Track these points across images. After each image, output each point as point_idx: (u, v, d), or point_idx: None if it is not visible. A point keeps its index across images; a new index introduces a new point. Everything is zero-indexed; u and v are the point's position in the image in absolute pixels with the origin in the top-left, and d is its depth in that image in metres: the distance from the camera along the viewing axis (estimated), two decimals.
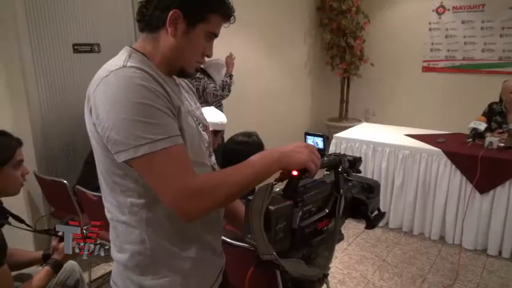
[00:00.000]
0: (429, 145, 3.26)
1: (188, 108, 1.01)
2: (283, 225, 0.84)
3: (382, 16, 5.52)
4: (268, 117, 4.92)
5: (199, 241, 1.00)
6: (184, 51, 0.95)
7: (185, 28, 0.92)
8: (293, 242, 0.87)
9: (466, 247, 3.11)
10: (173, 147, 0.84)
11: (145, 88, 0.84)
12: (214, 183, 0.85)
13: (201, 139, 1.03)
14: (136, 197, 0.92)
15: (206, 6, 0.93)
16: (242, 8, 4.51)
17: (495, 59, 4.81)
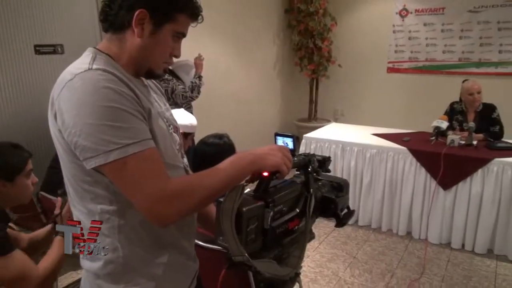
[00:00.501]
0: (395, 144, 3.36)
1: (158, 109, 0.99)
2: (254, 226, 0.84)
3: (348, 18, 5.64)
4: (238, 118, 4.92)
5: (174, 246, 0.99)
6: (152, 51, 0.93)
7: (152, 28, 0.90)
8: (265, 243, 0.88)
9: (432, 241, 3.22)
10: (145, 151, 0.82)
11: (113, 90, 0.81)
12: (190, 186, 0.84)
13: (172, 141, 1.01)
14: (107, 204, 0.89)
15: (173, 5, 0.91)
16: (211, 9, 4.53)
17: (455, 60, 5.02)
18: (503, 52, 4.73)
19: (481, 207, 3.01)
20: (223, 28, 4.53)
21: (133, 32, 0.90)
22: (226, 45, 4.68)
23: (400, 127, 4.01)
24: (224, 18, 4.52)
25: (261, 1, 5.21)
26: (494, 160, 2.94)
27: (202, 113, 3.57)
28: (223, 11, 4.47)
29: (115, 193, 0.87)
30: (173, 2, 0.91)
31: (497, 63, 4.79)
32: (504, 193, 2.92)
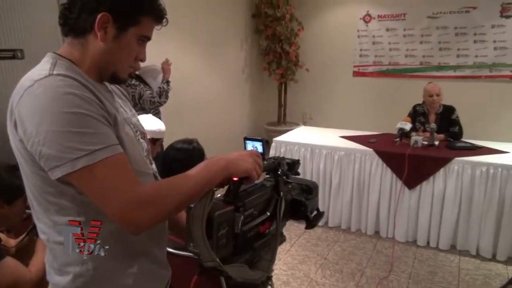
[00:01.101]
0: (362, 146, 3.44)
1: (124, 115, 0.97)
2: (225, 231, 0.84)
3: (314, 24, 5.75)
4: (208, 123, 4.90)
5: (146, 255, 0.97)
6: (116, 56, 0.90)
7: (116, 32, 0.88)
8: (236, 247, 0.88)
9: (399, 239, 3.32)
10: (114, 156, 0.79)
11: (76, 96, 0.78)
12: (164, 192, 0.82)
13: (140, 148, 0.99)
14: (75, 215, 0.85)
15: (138, 8, 0.89)
16: (178, 14, 4.50)
17: (417, 64, 5.22)
18: (460, 56, 4.97)
19: (443, 205, 3.13)
20: (190, 32, 4.51)
21: (96, 36, 0.87)
22: (194, 49, 4.65)
23: (366, 129, 4.11)
24: (192, 22, 4.49)
25: (229, 6, 5.22)
26: (455, 159, 3.07)
27: (170, 118, 3.53)
28: (190, 16, 4.45)
29: (83, 203, 0.84)
30: (137, 5, 0.89)
31: (455, 66, 5.02)
32: (464, 191, 3.05)
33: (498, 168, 2.94)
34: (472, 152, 3.19)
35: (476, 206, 3.02)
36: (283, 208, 0.98)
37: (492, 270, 2.92)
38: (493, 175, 2.95)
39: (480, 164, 3.00)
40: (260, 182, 0.99)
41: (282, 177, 1.01)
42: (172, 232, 1.23)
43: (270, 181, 1.01)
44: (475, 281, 2.79)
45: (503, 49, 4.75)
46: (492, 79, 4.88)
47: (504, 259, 3.01)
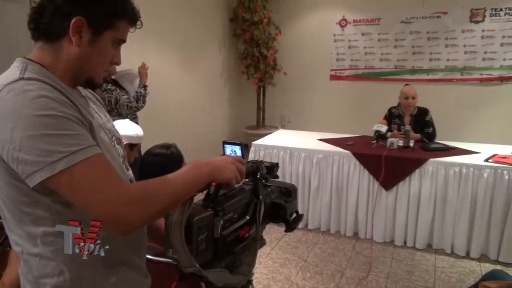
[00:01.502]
0: (340, 148, 3.49)
1: (99, 121, 0.95)
2: (204, 236, 0.83)
3: (292, 28, 5.81)
4: (186, 127, 4.87)
5: (125, 263, 0.94)
6: (91, 60, 0.88)
7: (91, 36, 0.86)
8: (216, 252, 0.87)
9: (377, 240, 3.37)
10: (94, 157, 0.77)
11: (49, 98, 0.76)
12: (151, 191, 0.80)
13: (116, 154, 0.97)
14: (50, 225, 0.82)
15: (112, 11, 0.87)
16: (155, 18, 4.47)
17: (391, 67, 5.34)
18: (433, 60, 5.12)
19: (419, 205, 3.21)
20: (168, 37, 4.48)
21: (70, 41, 0.85)
22: (171, 54, 4.63)
23: (344, 131, 4.17)
24: (169, 27, 4.47)
25: (206, 10, 5.22)
26: (429, 160, 3.15)
27: (148, 123, 3.48)
28: (167, 20, 4.42)
29: (58, 213, 0.82)
30: (111, 8, 0.87)
31: (428, 70, 5.17)
32: (439, 190, 3.13)
33: (470, 168, 3.03)
34: (445, 153, 3.27)
35: (450, 205, 3.11)
36: (262, 211, 0.98)
37: (466, 267, 3.01)
38: (466, 175, 3.04)
39: (453, 165, 3.09)
40: (239, 186, 0.99)
41: (261, 181, 1.01)
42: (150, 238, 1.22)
43: (249, 184, 1.01)
44: (450, 278, 2.86)
45: (473, 53, 4.92)
46: (463, 82, 5.05)
47: (477, 256, 3.10)
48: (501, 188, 2.95)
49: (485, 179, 2.98)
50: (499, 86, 4.93)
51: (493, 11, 4.75)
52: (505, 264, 2.98)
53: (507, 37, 4.75)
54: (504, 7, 4.70)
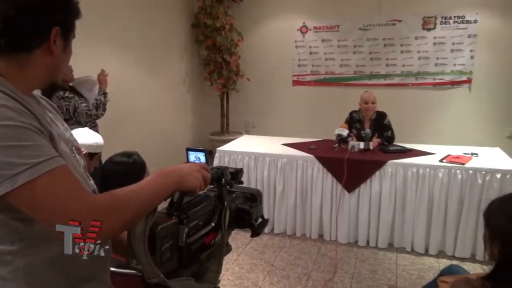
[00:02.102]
0: (303, 152, 3.55)
1: (57, 131, 0.91)
2: (169, 244, 0.82)
3: (254, 34, 5.86)
4: (149, 134, 4.78)
5: (89, 278, 0.91)
6: (61, 66, 0.89)
7: (63, 43, 0.86)
8: (181, 261, 0.86)
9: (341, 241, 3.45)
10: (58, 168, 0.73)
11: (7, 107, 0.73)
12: (119, 202, 0.77)
13: (77, 165, 0.94)
14: (8, 244, 0.78)
15: (74, 14, 0.88)
16: (114, 23, 4.37)
17: (351, 73, 5.51)
18: (389, 65, 5.33)
19: (380, 205, 3.31)
20: (128, 43, 4.39)
21: (45, 52, 0.83)
22: (132, 60, 4.53)
23: (307, 136, 4.24)
24: (129, 32, 4.38)
25: (167, 16, 5.17)
26: (389, 162, 3.26)
27: (108, 131, 3.40)
28: (127, 26, 4.34)
29: (17, 230, 0.78)
30: (74, 11, 0.88)
31: (385, 75, 5.37)
32: (398, 191, 3.25)
33: (426, 168, 3.17)
34: (403, 155, 3.41)
35: (409, 204, 3.23)
36: (227, 217, 0.98)
37: (426, 264, 3.13)
38: (422, 175, 3.18)
39: (411, 166, 3.22)
40: (203, 193, 0.99)
41: (226, 187, 1.01)
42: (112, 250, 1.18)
43: (214, 191, 1.01)
44: (411, 275, 2.97)
45: (426, 59, 5.17)
46: (418, 86, 5.29)
47: (435, 253, 3.24)
48: (455, 187, 3.10)
49: (440, 178, 3.13)
50: (450, 90, 5.21)
51: (443, 19, 5.03)
52: (461, 259, 3.13)
53: (456, 43, 5.03)
54: (453, 16, 4.99)
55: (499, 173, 3.00)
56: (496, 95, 5.07)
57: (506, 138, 5.07)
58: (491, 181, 3.01)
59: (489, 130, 5.11)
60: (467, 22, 4.95)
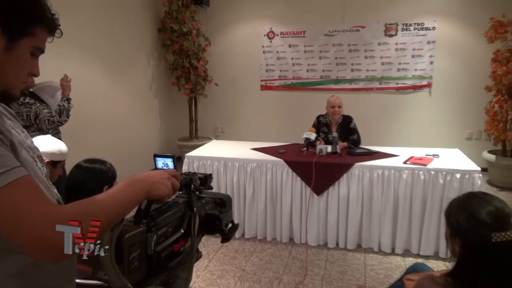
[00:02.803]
0: (273, 157, 3.57)
1: (18, 138, 0.87)
2: (137, 253, 0.81)
3: (221, 39, 5.86)
4: (115, 141, 4.66)
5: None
6: (9, 70, 0.81)
7: (6, 44, 0.79)
8: (150, 269, 0.85)
9: (311, 244, 3.48)
10: (21, 179, 0.70)
11: None
12: (86, 212, 0.74)
13: (41, 173, 0.90)
14: None
15: (30, 17, 0.82)
16: (79, 28, 4.25)
17: (317, 77, 5.62)
18: (354, 70, 5.48)
19: (348, 207, 3.38)
20: (92, 47, 4.28)
21: None
22: (97, 65, 4.42)
23: (275, 140, 4.27)
24: (93, 37, 4.28)
25: (133, 20, 5.08)
26: (355, 164, 3.34)
27: (73, 138, 3.29)
28: (92, 30, 4.23)
29: None
30: (29, 14, 0.81)
31: (351, 80, 5.52)
32: (365, 192, 3.33)
33: (391, 170, 3.27)
34: (369, 157, 3.49)
35: (375, 205, 3.32)
36: (197, 224, 0.97)
37: (392, 263, 3.22)
38: (388, 177, 3.27)
39: (377, 168, 3.31)
40: (172, 199, 0.98)
41: (195, 193, 1.00)
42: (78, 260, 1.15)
43: (183, 197, 1.00)
44: (379, 275, 3.04)
45: (389, 64, 5.36)
46: (382, 90, 5.47)
47: (401, 252, 3.33)
48: (418, 187, 3.21)
49: (404, 179, 3.23)
50: (412, 94, 5.41)
51: (404, 26, 5.23)
52: (425, 257, 3.24)
53: (417, 49, 5.25)
54: (413, 23, 5.20)
55: (459, 173, 3.14)
56: (454, 99, 5.32)
57: (464, 139, 5.33)
58: (452, 181, 3.14)
59: (448, 132, 5.35)
60: (426, 29, 5.17)
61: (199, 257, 1.05)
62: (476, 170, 3.14)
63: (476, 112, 5.11)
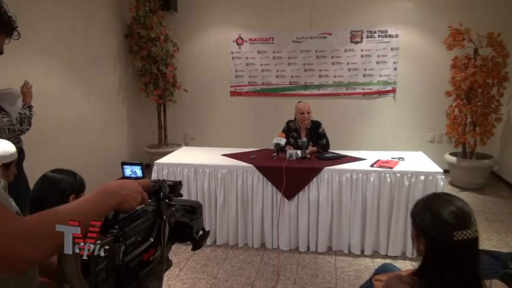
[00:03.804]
0: (243, 162, 3.57)
1: None
2: (104, 264, 0.78)
3: (190, 45, 5.83)
4: (81, 149, 4.53)
5: None
6: None
7: None
8: (118, 280, 0.82)
9: (283, 248, 3.50)
10: None
11: None
12: (50, 224, 0.71)
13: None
14: None
15: None
16: (42, 33, 4.11)
17: (286, 83, 5.69)
18: (322, 76, 5.59)
19: (318, 211, 3.42)
20: (55, 53, 4.15)
21: None
22: (61, 71, 4.28)
23: (246, 146, 4.28)
24: (58, 43, 4.15)
25: (98, 26, 4.97)
26: (325, 169, 3.39)
27: (36, 147, 3.17)
28: (56, 35, 4.11)
29: None
30: None
31: (319, 85, 5.62)
32: (335, 195, 3.39)
33: (359, 173, 3.34)
34: (338, 161, 3.56)
35: (345, 208, 3.38)
36: (167, 232, 0.95)
37: (362, 264, 3.28)
38: (356, 180, 3.34)
39: (345, 171, 3.37)
40: (141, 208, 0.95)
41: (165, 200, 0.98)
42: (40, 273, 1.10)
43: (152, 205, 0.98)
44: (349, 277, 3.10)
45: (355, 70, 5.50)
46: (349, 96, 5.60)
47: (370, 254, 3.41)
48: (385, 190, 3.30)
49: (372, 182, 3.31)
50: (377, 99, 5.58)
51: (369, 33, 5.39)
52: (393, 258, 3.33)
53: (381, 56, 5.42)
54: (377, 30, 5.37)
55: (423, 175, 3.25)
56: (417, 103, 5.52)
57: (427, 142, 5.54)
58: (416, 183, 3.25)
59: (412, 135, 5.55)
60: (389, 36, 5.35)
61: (169, 266, 1.03)
62: (439, 172, 3.26)
63: (437, 116, 5.33)
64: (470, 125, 4.89)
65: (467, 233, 1.16)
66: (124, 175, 1.08)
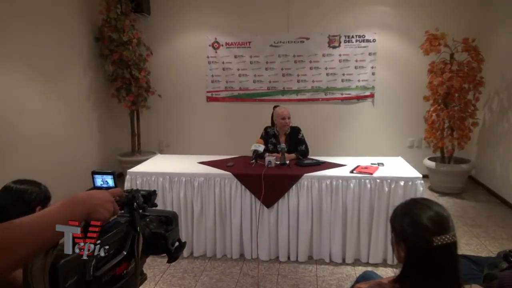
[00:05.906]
0: (221, 170, 3.45)
1: None
2: (74, 280, 0.73)
3: (164, 49, 5.69)
4: (48, 158, 4.30)
5: None
6: None
7: None
8: None
9: (263, 259, 3.39)
10: None
11: None
12: (9, 237, 0.66)
13: None
14: None
15: None
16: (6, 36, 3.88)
17: (264, 88, 5.63)
18: (300, 81, 5.56)
19: (298, 219, 3.34)
20: (20, 56, 3.94)
21: None
22: (26, 76, 4.05)
23: (223, 153, 4.17)
24: (23, 46, 3.94)
25: (67, 29, 4.76)
26: (304, 175, 3.32)
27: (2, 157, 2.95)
28: (21, 38, 3.89)
29: None
30: None
31: (297, 90, 5.58)
32: (315, 203, 3.31)
33: (339, 179, 3.28)
34: (317, 168, 3.50)
35: (325, 216, 3.31)
36: (141, 244, 0.91)
37: (343, 273, 3.21)
38: (336, 187, 3.28)
39: (325, 178, 3.31)
40: (113, 219, 0.90)
41: (138, 211, 0.94)
42: None
43: (125, 216, 0.93)
44: (330, 286, 3.02)
45: (334, 75, 5.50)
46: (327, 101, 5.58)
47: (351, 262, 3.34)
48: (365, 196, 3.25)
49: (352, 189, 3.26)
50: (356, 104, 5.59)
51: (347, 38, 5.41)
52: (375, 265, 3.28)
53: (359, 60, 5.45)
54: (355, 35, 5.40)
55: (402, 180, 3.22)
56: (396, 108, 5.57)
57: (406, 147, 5.59)
58: (396, 188, 3.22)
59: (391, 141, 5.58)
60: (367, 41, 5.39)
61: (143, 279, 0.99)
62: (418, 177, 3.25)
63: (416, 121, 5.39)
64: (448, 130, 4.96)
65: (446, 238, 1.17)
66: (95, 185, 1.04)
